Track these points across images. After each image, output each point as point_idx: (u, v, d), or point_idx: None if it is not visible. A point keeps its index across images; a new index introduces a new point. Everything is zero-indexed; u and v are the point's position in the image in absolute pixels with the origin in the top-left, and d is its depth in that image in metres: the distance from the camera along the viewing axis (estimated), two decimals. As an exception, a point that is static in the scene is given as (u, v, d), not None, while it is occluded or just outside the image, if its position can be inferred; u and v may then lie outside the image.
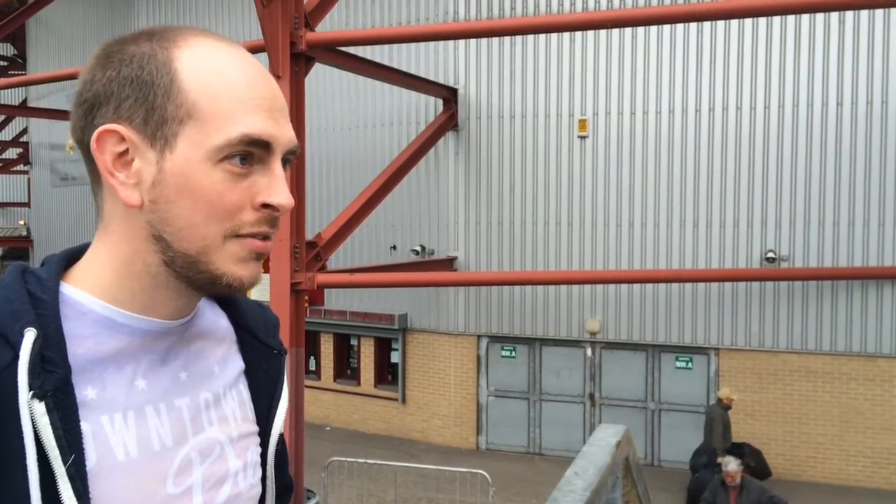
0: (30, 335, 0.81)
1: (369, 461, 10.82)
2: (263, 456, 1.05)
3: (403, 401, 14.16)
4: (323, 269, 9.55)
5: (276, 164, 0.89)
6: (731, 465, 8.44)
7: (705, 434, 10.99)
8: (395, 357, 14.39)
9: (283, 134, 0.89)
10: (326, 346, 15.04)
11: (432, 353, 13.81)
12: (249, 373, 1.06)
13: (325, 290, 14.53)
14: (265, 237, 0.90)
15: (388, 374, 14.66)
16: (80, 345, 0.86)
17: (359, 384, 14.76)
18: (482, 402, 13.54)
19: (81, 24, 19.07)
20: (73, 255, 0.95)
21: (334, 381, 14.98)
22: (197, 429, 0.96)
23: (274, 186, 0.88)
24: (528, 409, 13.32)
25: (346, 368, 15.15)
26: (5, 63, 24.52)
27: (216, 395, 0.99)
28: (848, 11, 11.10)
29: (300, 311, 9.04)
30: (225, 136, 0.85)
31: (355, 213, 10.56)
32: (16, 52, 23.96)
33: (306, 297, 9.64)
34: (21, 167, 23.81)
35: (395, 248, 13.88)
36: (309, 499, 9.46)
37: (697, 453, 11.35)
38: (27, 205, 23.68)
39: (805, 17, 11.45)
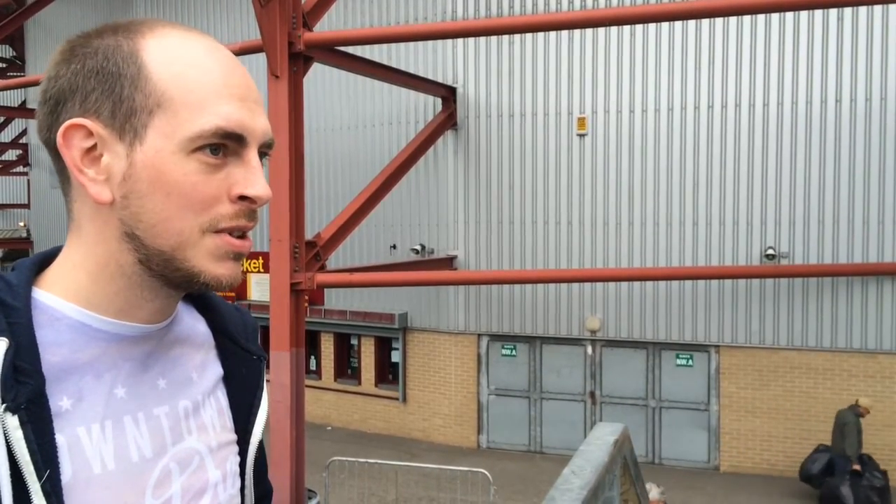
0: (1, 345, 0.77)
1: (370, 461, 10.82)
2: (242, 465, 1.02)
3: (404, 400, 14.17)
4: (323, 268, 9.55)
5: (252, 155, 0.86)
6: (653, 491, 7.04)
7: (835, 440, 10.65)
8: (395, 356, 14.39)
9: (257, 125, 0.86)
10: (327, 346, 15.04)
11: (433, 353, 13.82)
12: (228, 379, 1.02)
13: (325, 290, 14.57)
14: (242, 235, 0.87)
15: (388, 373, 14.67)
16: (54, 353, 0.82)
17: (359, 384, 14.77)
18: (483, 401, 13.54)
19: (80, 26, 19.01)
20: (45, 259, 0.90)
21: (335, 380, 14.99)
22: (176, 438, 0.92)
23: (250, 178, 0.85)
24: (528, 408, 13.33)
25: (346, 368, 15.16)
26: (4, 65, 24.51)
27: (195, 402, 0.96)
28: (847, 8, 11.10)
29: (300, 310, 9.04)
30: (198, 126, 0.82)
31: (355, 213, 10.56)
32: (15, 53, 23.95)
33: (306, 297, 9.65)
34: (21, 169, 23.81)
35: (394, 247, 13.89)
36: (310, 499, 9.46)
37: (812, 460, 10.89)
38: (27, 206, 23.68)
39: (804, 14, 11.45)
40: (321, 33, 9.08)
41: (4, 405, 0.76)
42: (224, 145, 0.84)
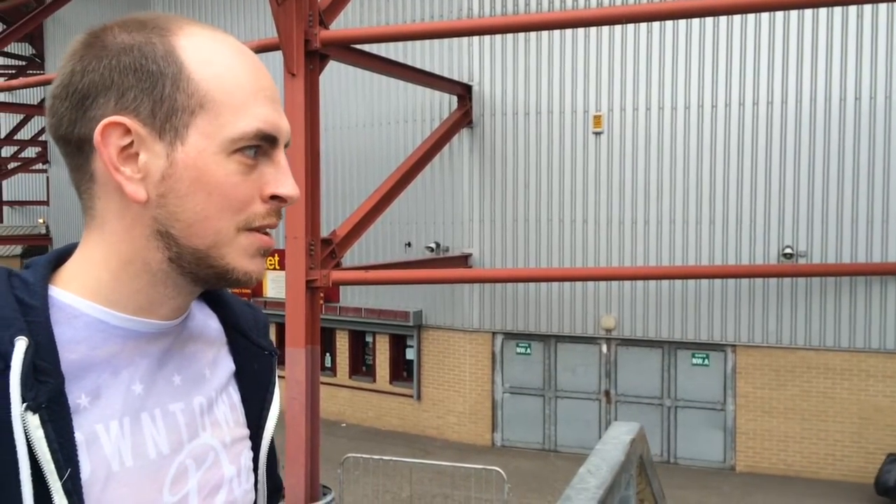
0: (21, 344, 0.77)
1: (385, 458, 10.84)
2: (255, 460, 1.03)
3: (419, 397, 14.18)
4: (338, 266, 9.58)
5: (281, 155, 0.89)
6: None
7: None
8: (410, 354, 14.41)
9: (284, 125, 0.89)
10: (342, 343, 15.09)
11: (447, 350, 13.82)
12: (240, 375, 1.03)
13: (341, 288, 14.61)
14: (267, 232, 0.90)
15: (403, 370, 14.69)
16: (72, 350, 0.82)
17: (374, 381, 14.80)
18: (497, 399, 13.54)
19: (99, 23, 19.16)
20: (61, 257, 0.90)
21: (350, 377, 15.03)
22: (192, 435, 0.92)
23: (281, 178, 0.88)
24: (543, 406, 13.31)
25: (361, 365, 15.20)
26: (24, 62, 24.74)
27: (209, 399, 0.96)
28: (867, 5, 10.98)
29: (316, 308, 9.08)
30: (240, 128, 0.83)
31: (370, 211, 10.58)
32: (34, 51, 24.17)
33: (322, 295, 9.68)
34: (40, 166, 24.04)
35: (409, 244, 13.90)
36: (325, 495, 9.50)
37: (887, 471, 10.54)
38: (46, 203, 23.90)
39: (823, 11, 11.34)
40: (337, 31, 9.11)
41: (25, 404, 0.76)
42: (259, 146, 0.86)
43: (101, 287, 0.86)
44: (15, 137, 24.37)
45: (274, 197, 0.87)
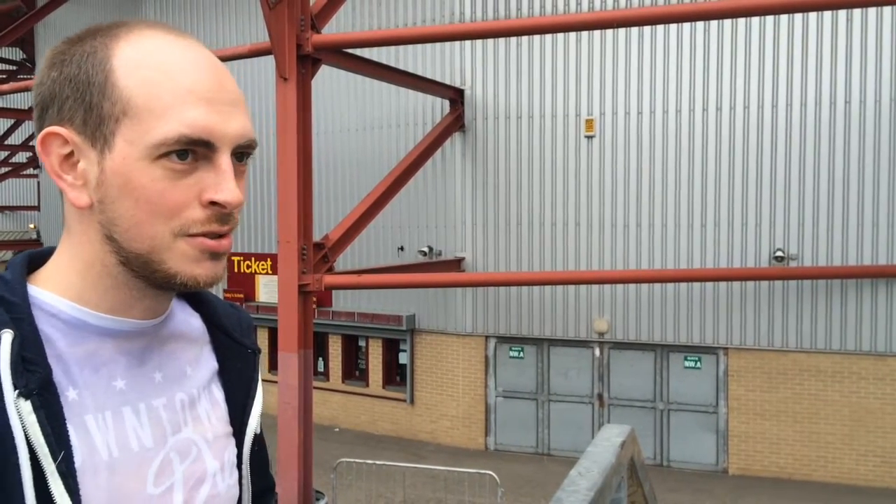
0: (7, 336, 0.80)
1: (378, 462, 10.83)
2: (239, 457, 1.04)
3: (412, 402, 14.17)
4: (331, 270, 9.57)
5: (223, 160, 0.86)
6: None
7: None
8: (403, 358, 14.40)
9: (228, 128, 0.85)
10: (335, 348, 15.06)
11: (440, 354, 13.82)
12: (223, 373, 1.04)
13: (333, 292, 14.59)
14: (218, 235, 0.87)
15: (396, 375, 14.68)
16: (54, 346, 0.85)
17: (367, 385, 14.78)
18: (490, 403, 13.54)
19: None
20: (36, 257, 0.93)
21: (343, 382, 15.01)
22: (175, 429, 0.94)
23: (220, 183, 0.85)
24: (536, 410, 13.31)
25: (354, 370, 15.18)
26: (14, 67, 24.67)
27: (191, 396, 0.98)
28: (856, 9, 11.05)
29: (308, 312, 9.06)
30: (161, 133, 0.82)
31: (363, 215, 10.58)
32: (25, 56, 24.10)
33: (314, 299, 9.67)
34: (31, 171, 23.96)
35: (402, 249, 13.90)
36: (318, 500, 9.48)
37: None
38: (37, 208, 23.83)
39: (812, 15, 11.41)
40: (329, 35, 9.11)
41: (17, 391, 0.79)
42: (192, 150, 0.84)
43: (74, 287, 0.89)
44: (5, 142, 24.28)
45: (213, 203, 0.85)
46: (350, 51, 10.00)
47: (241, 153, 0.89)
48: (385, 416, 14.52)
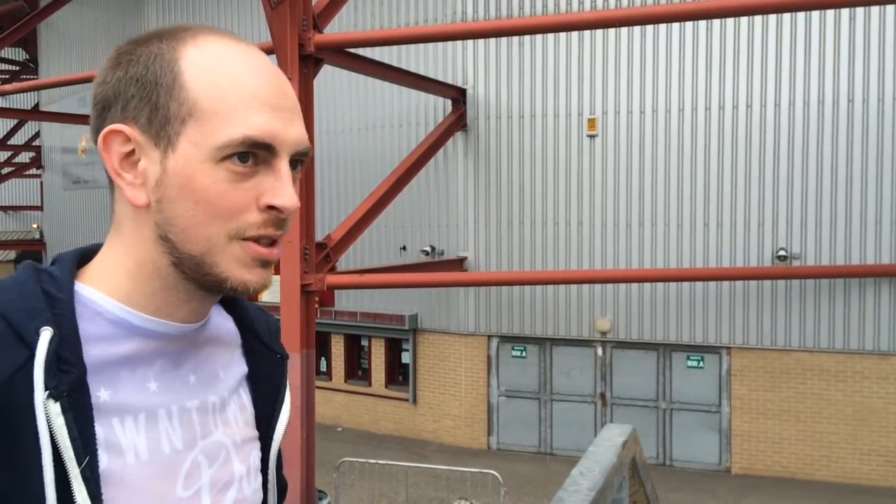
0: (46, 334, 0.80)
1: (380, 462, 10.83)
2: (264, 461, 1.04)
3: (414, 401, 14.17)
4: (333, 270, 9.58)
5: (282, 165, 0.87)
6: None
7: None
8: (405, 358, 14.40)
9: (289, 135, 0.87)
10: (337, 347, 15.07)
11: (443, 354, 13.82)
12: (252, 377, 1.05)
13: (336, 292, 14.59)
14: (271, 243, 0.88)
15: (398, 374, 14.68)
16: (94, 345, 0.85)
17: (370, 385, 14.79)
18: (493, 403, 13.54)
19: (92, 28, 19.19)
20: (85, 255, 0.93)
21: (345, 381, 15.02)
22: (205, 432, 0.95)
23: (278, 188, 0.86)
24: (538, 410, 13.31)
25: (357, 369, 15.18)
26: (17, 67, 24.71)
27: (221, 399, 0.98)
28: (859, 8, 11.03)
29: (311, 312, 9.07)
30: (226, 136, 0.84)
31: (365, 214, 10.58)
32: (28, 56, 24.15)
33: (317, 299, 9.67)
34: (34, 171, 24.00)
35: (405, 248, 13.90)
36: (321, 499, 9.48)
37: None
38: (40, 208, 23.87)
39: (815, 14, 11.39)
40: (331, 35, 9.11)
41: (48, 392, 0.79)
42: (254, 154, 0.85)
43: (122, 287, 0.89)
44: (9, 143, 24.32)
45: (271, 207, 0.86)
46: (352, 50, 10.01)
47: (296, 161, 0.90)
48: (388, 415, 14.52)
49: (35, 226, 24.41)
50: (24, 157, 25.11)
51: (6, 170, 25.05)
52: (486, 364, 13.51)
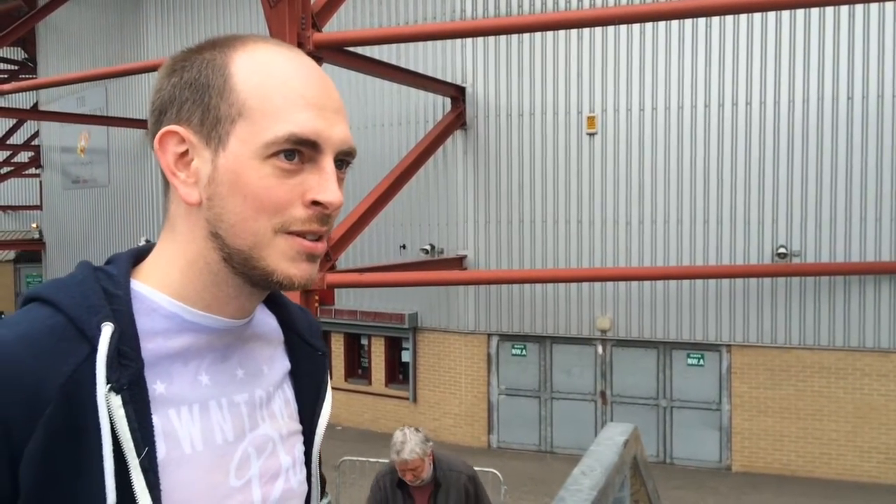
0: (107, 329, 0.84)
1: (381, 460, 10.82)
2: (308, 454, 1.09)
3: (414, 400, 14.18)
4: (333, 268, 9.57)
5: (327, 162, 0.91)
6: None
7: None
8: (405, 356, 14.40)
9: (333, 133, 0.91)
10: (337, 346, 15.07)
11: (443, 352, 13.82)
12: (295, 373, 1.09)
13: (335, 290, 14.57)
14: (317, 238, 0.92)
15: (398, 373, 14.68)
16: (150, 340, 0.89)
17: (370, 383, 14.79)
18: (493, 401, 13.54)
19: (91, 28, 19.16)
20: (140, 254, 0.98)
21: (345, 380, 15.02)
22: (253, 425, 0.99)
23: (323, 184, 0.90)
24: (539, 408, 13.31)
25: (357, 368, 15.18)
26: (16, 67, 24.69)
27: (267, 393, 1.03)
28: (858, 5, 11.02)
29: (310, 310, 9.05)
30: (272, 133, 0.87)
31: (364, 213, 10.58)
32: (26, 55, 24.12)
33: (316, 297, 9.67)
34: (33, 170, 23.98)
35: (404, 247, 13.89)
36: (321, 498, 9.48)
37: None
38: (39, 208, 23.83)
39: (814, 11, 11.38)
40: (330, 34, 9.11)
41: (109, 385, 0.82)
42: (300, 151, 0.89)
43: (174, 283, 0.93)
44: (8, 142, 24.30)
45: (315, 203, 0.90)
46: (351, 49, 10.00)
47: (342, 161, 0.94)
48: (388, 414, 14.53)
49: (34, 225, 24.38)
50: (23, 156, 25.09)
51: (5, 169, 25.02)
52: (487, 362, 13.51)
